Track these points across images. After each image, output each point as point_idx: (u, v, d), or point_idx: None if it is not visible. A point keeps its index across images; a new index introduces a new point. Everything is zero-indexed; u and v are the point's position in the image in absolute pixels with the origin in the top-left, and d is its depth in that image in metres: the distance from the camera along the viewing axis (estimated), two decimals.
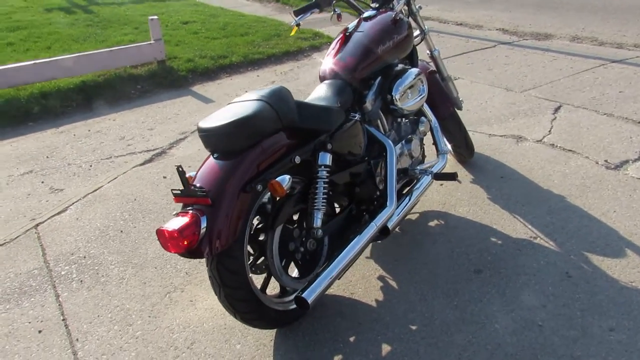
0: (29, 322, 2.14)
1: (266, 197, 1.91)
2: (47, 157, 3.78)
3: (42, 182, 3.37)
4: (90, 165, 3.58)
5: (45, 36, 6.88)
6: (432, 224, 2.63)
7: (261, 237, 1.88)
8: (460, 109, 3.19)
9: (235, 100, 1.84)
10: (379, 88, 2.33)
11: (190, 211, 1.61)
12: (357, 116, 2.16)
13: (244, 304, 1.76)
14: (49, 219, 2.92)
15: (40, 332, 2.09)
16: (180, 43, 6.42)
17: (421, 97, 2.46)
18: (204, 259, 1.80)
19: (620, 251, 2.32)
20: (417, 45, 2.84)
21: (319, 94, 2.18)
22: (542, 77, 4.69)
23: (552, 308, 2.03)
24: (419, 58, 2.76)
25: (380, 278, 2.27)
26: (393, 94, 2.31)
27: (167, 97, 4.96)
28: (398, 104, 2.33)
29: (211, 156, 1.75)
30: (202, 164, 1.74)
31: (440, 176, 2.40)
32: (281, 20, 7.63)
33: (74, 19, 7.88)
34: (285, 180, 1.68)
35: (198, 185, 1.66)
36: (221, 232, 1.61)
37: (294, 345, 1.94)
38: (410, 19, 2.78)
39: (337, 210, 2.20)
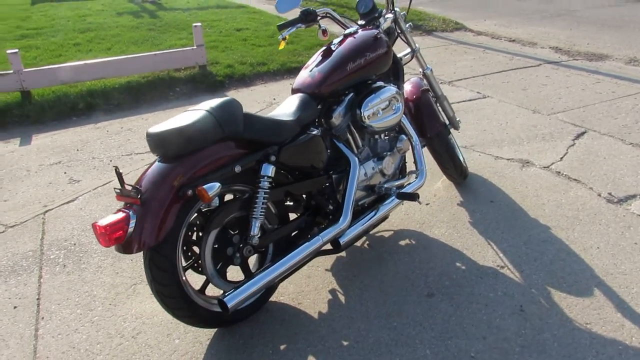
0: (9, 298, 2.37)
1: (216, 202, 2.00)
2: (78, 150, 4.11)
3: (65, 173, 3.68)
4: (110, 160, 3.85)
5: (109, 38, 7.42)
6: (402, 242, 2.62)
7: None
8: (456, 128, 3.15)
9: (187, 110, 1.96)
10: (349, 104, 2.37)
11: (123, 209, 1.74)
12: (316, 131, 2.21)
13: (173, 301, 1.86)
14: (57, 207, 3.19)
15: (15, 307, 2.31)
16: (227, 49, 6.70)
17: (394, 115, 2.47)
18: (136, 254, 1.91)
19: (587, 290, 2.20)
20: (406, 63, 2.84)
21: (282, 107, 2.26)
22: (577, 100, 4.47)
23: (492, 341, 1.97)
24: (419, 75, 2.77)
25: (332, 291, 2.30)
26: (361, 110, 2.34)
27: (200, 101, 5.19)
28: (366, 120, 2.35)
29: (156, 160, 1.87)
30: (147, 167, 1.87)
31: (402, 195, 2.40)
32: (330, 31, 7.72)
33: (139, 22, 8.43)
34: (213, 187, 1.77)
35: (137, 185, 1.79)
36: (148, 231, 1.72)
37: (227, 346, 2.02)
38: (402, 37, 2.79)
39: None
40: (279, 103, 4.41)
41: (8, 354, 2.04)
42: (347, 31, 2.60)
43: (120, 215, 1.72)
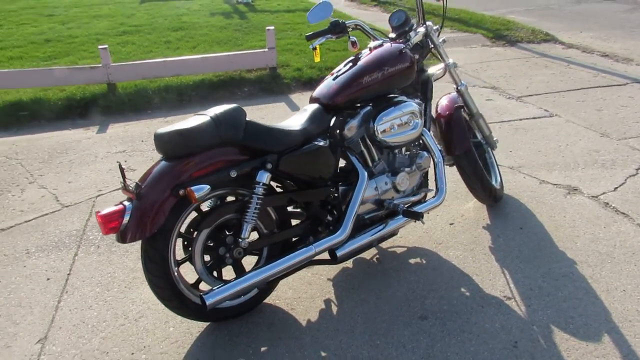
0: (46, 270, 2.66)
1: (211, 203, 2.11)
2: (142, 141, 4.45)
3: (125, 161, 4.01)
4: None
5: (197, 37, 7.90)
6: (413, 260, 2.57)
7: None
8: (493, 148, 3.02)
9: (196, 113, 2.08)
10: (365, 117, 2.37)
11: (124, 202, 1.90)
12: (322, 142, 2.24)
13: (162, 291, 2.00)
14: (109, 192, 3.50)
15: (48, 279, 2.58)
16: (301, 52, 6.87)
17: (411, 131, 2.43)
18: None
19: (595, 335, 2.04)
20: (438, 78, 2.78)
21: (295, 116, 2.32)
22: None
23: None
24: (457, 93, 2.73)
25: (327, 301, 2.32)
26: (375, 124, 2.34)
27: (264, 102, 5.41)
28: (379, 135, 2.35)
29: (160, 159, 2.02)
30: (153, 165, 2.01)
31: (406, 213, 2.35)
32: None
33: (228, 23, 8.88)
34: (201, 189, 1.87)
35: (139, 181, 1.94)
36: (140, 224, 1.86)
37: (213, 340, 2.12)
38: (434, 52, 2.74)
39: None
40: None
41: (30, 319, 2.29)
42: (373, 44, 2.60)
43: (118, 207, 1.87)
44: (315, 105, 2.34)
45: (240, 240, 2.06)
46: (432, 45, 2.71)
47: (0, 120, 5.06)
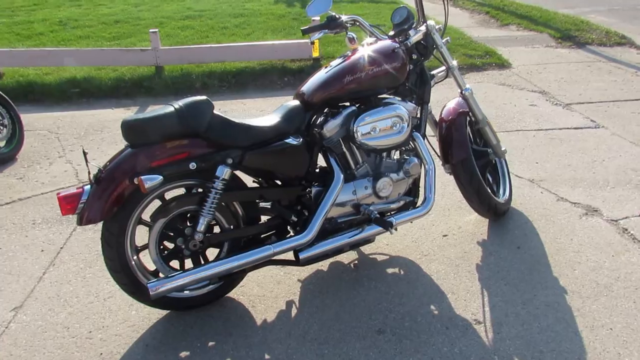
0: (43, 242, 2.81)
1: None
2: None
3: None
4: None
5: (254, 25, 8.00)
6: (391, 270, 2.46)
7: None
8: (500, 157, 2.82)
9: (166, 104, 2.10)
10: (346, 117, 2.28)
11: (85, 186, 1.96)
12: (295, 140, 2.18)
13: (117, 275, 2.04)
14: None
15: (42, 251, 2.73)
16: (342, 43, 6.75)
17: (395, 135, 2.31)
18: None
19: None
20: (439, 81, 2.63)
21: (272, 112, 2.28)
22: None
23: None
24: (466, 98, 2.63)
25: (289, 302, 2.28)
26: (355, 125, 2.25)
27: None
28: (358, 137, 2.25)
29: (125, 147, 2.05)
30: (117, 152, 2.06)
31: (377, 220, 2.25)
32: (469, 35, 7.31)
33: (288, 11, 8.91)
34: (152, 179, 1.89)
35: (102, 167, 1.99)
36: (94, 208, 1.91)
37: (167, 329, 2.15)
38: (435, 52, 2.58)
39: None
40: None
41: (14, 287, 2.43)
42: (367, 41, 2.49)
43: (78, 190, 1.94)
44: (295, 102, 2.28)
45: (195, 233, 2.06)
46: (435, 46, 2.54)
47: (54, 96, 5.41)
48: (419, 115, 2.51)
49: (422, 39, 2.50)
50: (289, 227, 2.29)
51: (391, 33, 2.54)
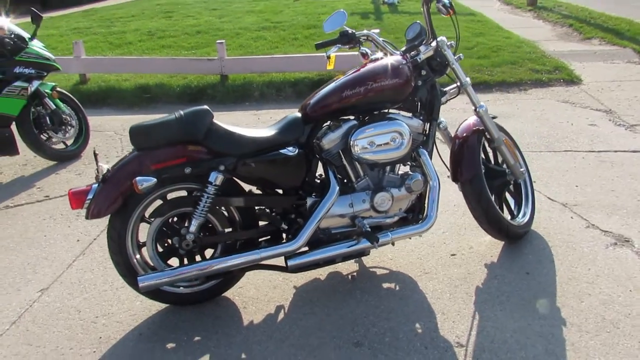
0: (81, 232, 3.10)
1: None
2: None
3: None
4: None
5: (324, 36, 8.14)
6: (386, 285, 2.46)
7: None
8: (518, 178, 2.71)
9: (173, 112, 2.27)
10: (346, 131, 2.33)
11: (93, 184, 2.18)
12: (291, 151, 2.25)
13: (120, 268, 2.23)
14: None
15: (78, 240, 3.02)
16: None
17: (394, 151, 2.31)
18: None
19: None
20: (451, 98, 2.59)
21: (275, 123, 2.38)
22: None
23: None
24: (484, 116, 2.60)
25: (279, 307, 2.35)
26: (352, 139, 2.29)
27: None
28: (355, 150, 2.29)
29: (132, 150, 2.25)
30: (126, 155, 2.26)
31: (365, 233, 2.25)
32: (544, 50, 6.97)
33: (360, 23, 8.99)
34: (146, 181, 2.05)
35: (110, 167, 2.20)
36: (98, 205, 2.11)
37: (162, 321, 2.30)
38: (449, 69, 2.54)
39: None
40: None
41: (46, 271, 2.72)
42: (374, 56, 2.52)
43: (86, 187, 2.15)
44: (296, 115, 2.36)
45: (187, 234, 2.20)
46: (447, 63, 2.51)
47: (128, 100, 5.91)
48: (427, 132, 2.48)
49: (433, 55, 2.47)
50: (284, 234, 2.37)
51: (403, 49, 2.55)
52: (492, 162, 2.77)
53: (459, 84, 2.57)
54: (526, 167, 2.87)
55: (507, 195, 2.82)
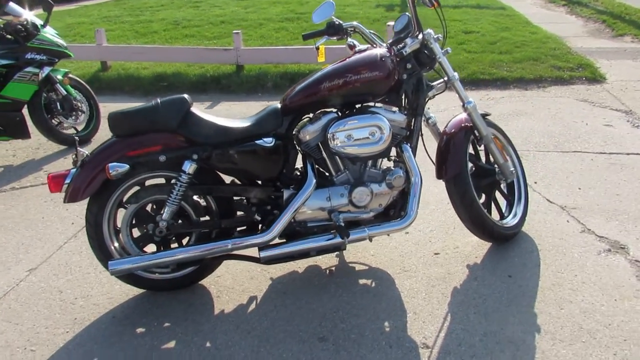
0: (76, 216, 3.17)
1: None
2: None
3: None
4: None
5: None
6: (362, 281, 2.42)
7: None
8: (507, 178, 2.62)
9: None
10: (324, 123, 2.30)
11: (72, 169, 2.22)
12: (267, 142, 2.24)
13: (96, 252, 2.27)
14: None
15: (72, 223, 3.09)
16: None
17: (373, 145, 2.26)
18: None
19: None
20: (438, 93, 2.52)
21: (255, 114, 2.37)
22: None
23: None
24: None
25: (252, 298, 2.35)
26: (328, 131, 2.26)
27: None
28: (332, 143, 2.26)
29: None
30: (104, 141, 2.29)
31: (337, 227, 2.22)
32: (571, 46, 6.72)
33: (384, 16, 8.86)
34: (118, 167, 2.08)
35: (87, 153, 2.23)
36: (75, 189, 2.16)
37: (136, 305, 2.34)
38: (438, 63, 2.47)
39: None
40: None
41: (38, 252, 2.80)
42: (358, 48, 2.48)
43: (65, 172, 2.20)
44: (275, 106, 2.35)
45: (160, 220, 2.22)
46: (434, 56, 2.44)
47: (145, 89, 5.99)
48: (412, 127, 2.43)
49: (420, 48, 2.41)
50: (260, 226, 2.36)
51: (390, 41, 2.50)
52: (484, 161, 2.69)
53: (446, 78, 2.50)
54: (521, 167, 2.78)
55: (499, 195, 2.73)
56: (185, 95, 2.25)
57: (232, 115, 4.86)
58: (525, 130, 4.17)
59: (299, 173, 2.41)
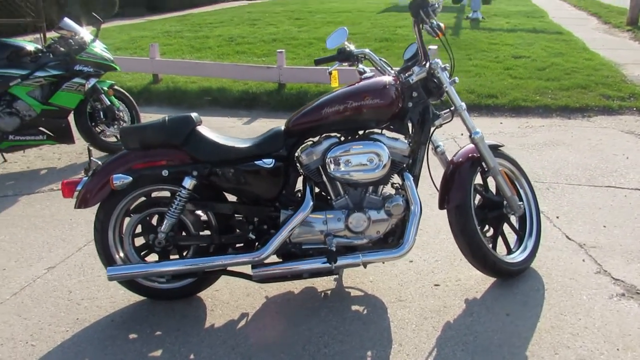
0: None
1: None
2: None
3: None
4: None
5: (392, 49, 8.12)
6: (355, 307, 2.41)
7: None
8: (515, 212, 2.54)
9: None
10: (325, 147, 2.33)
11: (84, 177, 2.36)
12: (267, 163, 2.29)
13: (101, 257, 2.40)
14: None
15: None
16: (477, 75, 6.47)
17: (370, 172, 2.26)
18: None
19: None
20: (445, 122, 2.48)
21: (260, 135, 2.43)
22: None
23: None
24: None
25: (243, 315, 2.38)
26: (328, 155, 2.28)
27: None
28: (329, 167, 2.28)
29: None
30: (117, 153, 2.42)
31: (327, 252, 2.23)
32: (627, 74, 6.41)
33: (430, 38, 8.78)
34: (121, 179, 2.19)
35: (100, 163, 2.37)
36: (85, 196, 2.29)
37: (134, 312, 2.43)
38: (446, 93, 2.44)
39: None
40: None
41: (59, 252, 2.97)
42: (365, 75, 2.50)
43: (77, 179, 2.34)
44: (279, 127, 2.40)
45: (160, 232, 2.31)
46: (441, 86, 2.41)
47: (191, 102, 6.25)
48: (416, 155, 2.41)
49: (427, 77, 2.40)
50: (256, 244, 2.40)
51: (399, 69, 2.51)
52: (494, 192, 2.62)
53: (453, 108, 2.46)
54: (534, 200, 2.68)
55: (509, 228, 2.65)
56: (193, 114, 2.34)
57: (262, 130, 5.00)
58: (558, 161, 4.01)
59: (299, 195, 2.44)
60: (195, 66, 6.67)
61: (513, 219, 2.66)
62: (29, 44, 4.17)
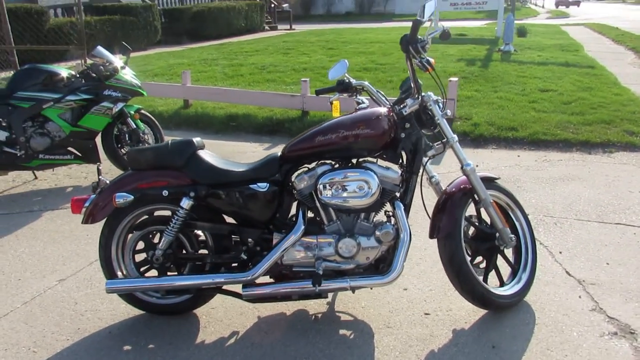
0: None
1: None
2: None
3: None
4: None
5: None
6: (343, 331, 2.45)
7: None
8: (507, 244, 2.55)
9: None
10: (318, 173, 2.42)
11: (92, 194, 2.53)
12: (261, 187, 2.40)
13: (103, 270, 2.54)
14: None
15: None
16: (500, 108, 6.46)
17: (359, 199, 2.34)
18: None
19: None
20: (437, 154, 2.54)
21: (257, 160, 2.55)
22: None
23: None
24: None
25: (233, 333, 2.46)
26: (320, 181, 2.37)
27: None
28: (320, 193, 2.37)
29: None
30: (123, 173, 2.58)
31: (314, 275, 2.29)
32: None
33: (462, 70, 8.83)
34: (123, 197, 2.33)
35: (108, 181, 2.53)
36: (92, 213, 2.45)
37: (133, 324, 2.54)
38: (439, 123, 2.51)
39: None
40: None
41: (72, 265, 3.14)
42: (361, 105, 2.59)
43: (85, 197, 2.51)
44: (275, 154, 2.51)
45: (157, 249, 2.43)
46: (433, 118, 2.48)
47: (217, 127, 6.48)
48: (408, 184, 2.47)
49: (419, 109, 2.48)
50: (250, 264, 2.50)
51: (394, 101, 2.60)
52: (488, 224, 2.64)
53: (444, 140, 2.52)
54: (530, 234, 2.68)
55: (503, 260, 2.65)
56: (195, 139, 2.48)
57: None
58: (571, 196, 3.97)
59: (294, 219, 2.53)
60: (223, 93, 6.93)
61: (509, 252, 2.66)
62: (63, 69, 4.47)
